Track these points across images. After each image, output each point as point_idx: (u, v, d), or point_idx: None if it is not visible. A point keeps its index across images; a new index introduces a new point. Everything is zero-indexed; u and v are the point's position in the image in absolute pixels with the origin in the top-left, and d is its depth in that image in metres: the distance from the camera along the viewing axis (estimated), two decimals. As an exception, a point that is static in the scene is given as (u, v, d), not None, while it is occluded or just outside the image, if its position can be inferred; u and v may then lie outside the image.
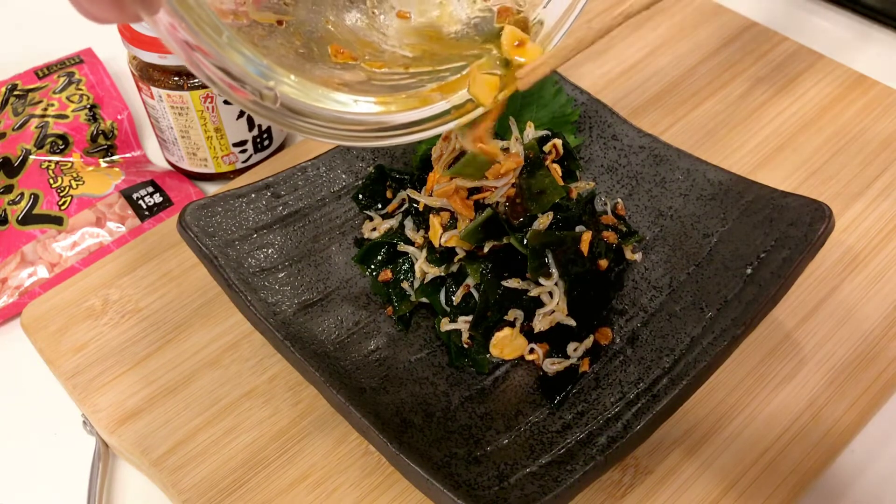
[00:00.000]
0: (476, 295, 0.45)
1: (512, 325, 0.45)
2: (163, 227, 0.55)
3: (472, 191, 0.45)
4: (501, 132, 0.52)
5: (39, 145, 0.60)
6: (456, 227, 0.45)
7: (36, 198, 0.57)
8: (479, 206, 0.45)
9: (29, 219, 0.57)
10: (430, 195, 0.46)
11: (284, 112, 0.35)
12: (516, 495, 0.37)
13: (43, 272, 0.55)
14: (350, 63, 0.39)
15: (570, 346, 0.45)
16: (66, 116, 0.62)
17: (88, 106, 0.63)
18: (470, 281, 0.46)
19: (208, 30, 0.32)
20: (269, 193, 0.50)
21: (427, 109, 0.40)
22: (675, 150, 0.52)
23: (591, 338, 0.46)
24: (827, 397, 0.45)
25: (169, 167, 0.63)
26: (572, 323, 0.45)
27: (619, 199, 0.52)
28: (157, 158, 0.64)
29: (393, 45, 0.41)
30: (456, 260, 0.46)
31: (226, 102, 0.55)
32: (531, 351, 0.46)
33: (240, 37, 0.34)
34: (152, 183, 0.60)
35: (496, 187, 0.44)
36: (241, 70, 0.34)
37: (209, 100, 0.55)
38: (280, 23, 0.38)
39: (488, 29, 0.42)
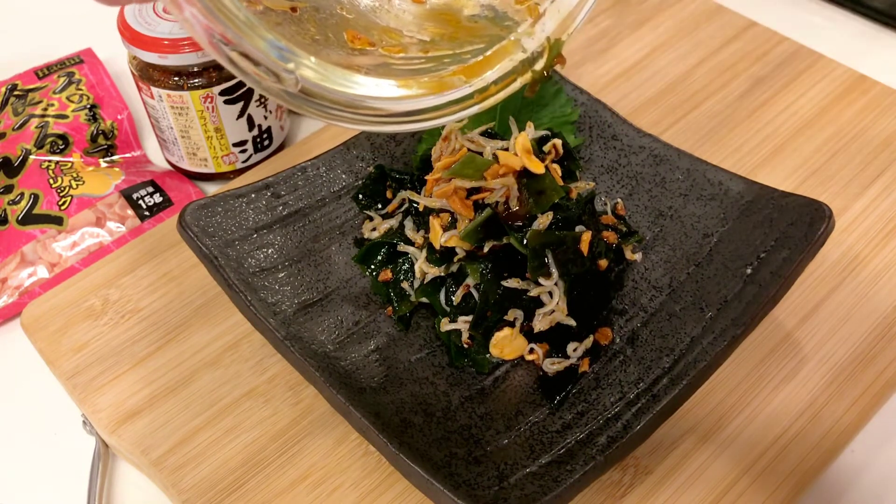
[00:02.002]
0: (476, 295, 0.45)
1: (512, 325, 0.45)
2: (163, 227, 0.55)
3: (472, 191, 0.45)
4: (501, 132, 0.52)
5: (39, 145, 0.60)
6: (456, 228, 0.45)
7: (36, 198, 0.57)
8: (478, 207, 0.45)
9: (29, 219, 0.57)
10: (430, 196, 0.46)
11: (303, 96, 0.35)
12: (516, 495, 0.37)
13: (43, 272, 0.55)
14: (368, 49, 0.39)
15: (570, 346, 0.45)
16: (66, 116, 0.62)
17: (88, 106, 0.63)
18: (470, 281, 0.46)
19: (226, 10, 0.31)
20: (269, 193, 0.50)
21: (450, 93, 0.40)
22: (675, 150, 0.52)
23: (591, 338, 0.46)
24: (827, 397, 0.45)
25: (169, 167, 0.63)
26: (572, 323, 0.45)
27: (619, 199, 0.52)
28: (157, 158, 0.64)
29: (410, 30, 0.41)
30: (456, 260, 0.46)
31: (228, 103, 0.55)
32: (531, 351, 0.46)
33: (257, 19, 0.34)
34: (152, 183, 0.60)
35: (495, 188, 0.44)
36: (260, 52, 0.33)
37: (209, 100, 0.55)
38: (294, 10, 0.38)
39: (507, 9, 0.42)
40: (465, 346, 0.46)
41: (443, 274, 0.47)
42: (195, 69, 0.54)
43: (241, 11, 0.32)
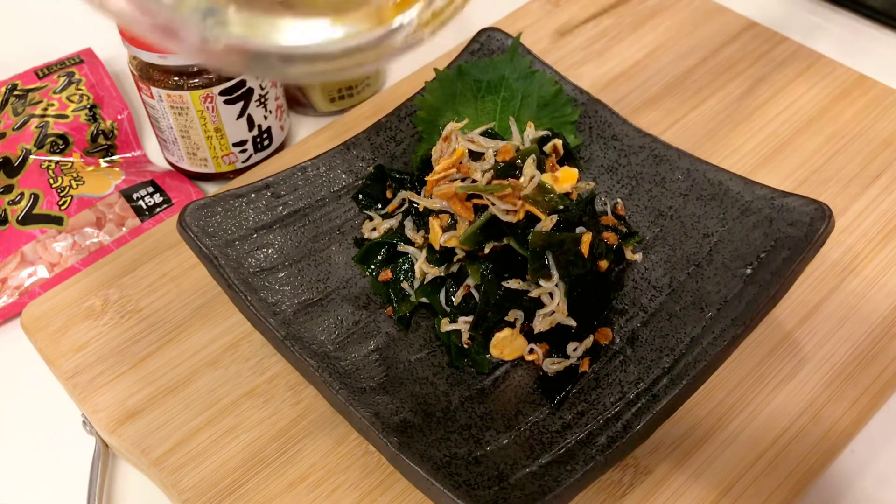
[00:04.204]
0: (476, 295, 0.45)
1: (512, 325, 0.45)
2: (163, 227, 0.55)
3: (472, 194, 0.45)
4: (502, 132, 0.52)
5: (39, 145, 0.60)
6: (456, 229, 0.45)
7: (36, 198, 0.57)
8: (478, 209, 0.45)
9: (29, 219, 0.57)
10: (430, 197, 0.46)
11: (228, 52, 0.32)
12: (516, 495, 0.37)
13: (43, 272, 0.55)
14: None
15: (570, 346, 0.45)
16: (66, 116, 0.62)
17: (88, 106, 0.63)
18: (470, 281, 0.46)
19: None
20: (269, 193, 0.50)
21: (390, 26, 0.37)
22: (675, 150, 0.52)
23: (591, 338, 0.46)
24: (827, 397, 0.45)
25: (169, 167, 0.63)
26: (572, 323, 0.45)
27: (619, 200, 0.52)
28: (157, 158, 0.64)
29: None
30: (456, 260, 0.46)
31: (228, 103, 0.55)
32: (531, 351, 0.46)
33: None
34: (152, 183, 0.60)
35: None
36: (178, 12, 0.30)
37: (209, 100, 0.55)
38: None
39: None
40: (466, 346, 0.46)
41: (443, 274, 0.47)
42: (195, 69, 0.54)
43: None
